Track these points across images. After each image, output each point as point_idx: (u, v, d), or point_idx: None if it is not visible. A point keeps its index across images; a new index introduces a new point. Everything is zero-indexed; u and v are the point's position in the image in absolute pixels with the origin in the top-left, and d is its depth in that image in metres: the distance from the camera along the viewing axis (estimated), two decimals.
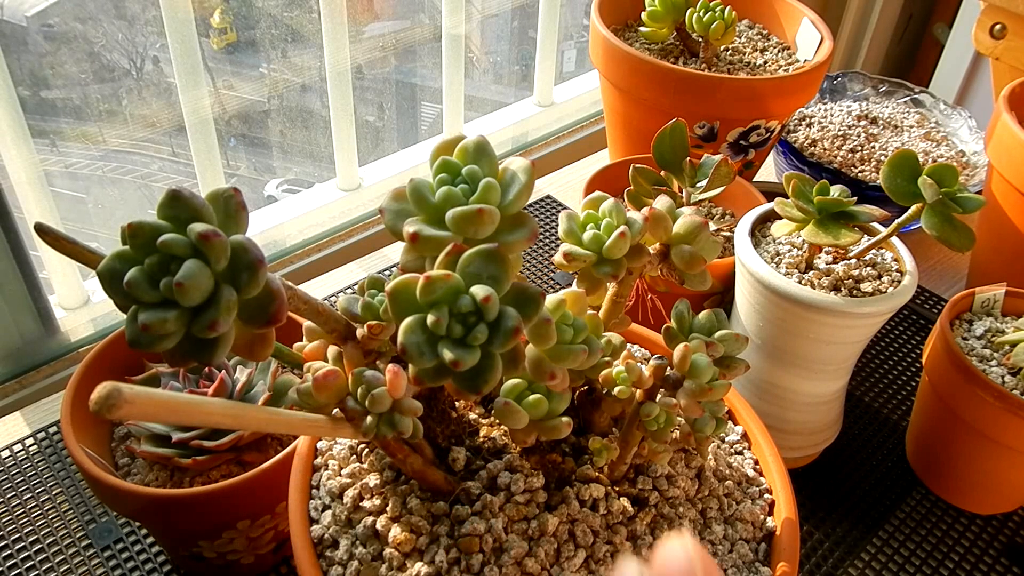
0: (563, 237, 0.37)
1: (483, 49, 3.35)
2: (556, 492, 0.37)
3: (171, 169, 3.67)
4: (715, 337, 0.37)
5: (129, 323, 0.26)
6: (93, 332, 0.77)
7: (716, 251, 0.39)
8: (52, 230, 0.28)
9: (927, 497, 0.63)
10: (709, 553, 0.14)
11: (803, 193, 0.52)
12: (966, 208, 0.51)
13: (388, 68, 3.44)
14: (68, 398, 0.50)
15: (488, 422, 0.39)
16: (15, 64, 0.67)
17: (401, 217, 0.32)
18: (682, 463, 0.40)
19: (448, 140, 0.33)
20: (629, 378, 0.35)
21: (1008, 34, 0.86)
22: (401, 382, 0.30)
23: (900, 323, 0.79)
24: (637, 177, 0.52)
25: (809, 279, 0.54)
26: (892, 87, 0.91)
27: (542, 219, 0.88)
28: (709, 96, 0.70)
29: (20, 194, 0.70)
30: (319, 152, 3.54)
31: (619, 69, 0.74)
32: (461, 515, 0.35)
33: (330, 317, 0.33)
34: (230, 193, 0.28)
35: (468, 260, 0.28)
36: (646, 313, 0.60)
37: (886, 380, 0.73)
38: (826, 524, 0.61)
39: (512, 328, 0.27)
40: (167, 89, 3.30)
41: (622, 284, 0.39)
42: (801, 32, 0.79)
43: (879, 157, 0.80)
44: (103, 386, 0.19)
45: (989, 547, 0.60)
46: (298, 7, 3.23)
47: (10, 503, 0.59)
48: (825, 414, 0.60)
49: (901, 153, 0.52)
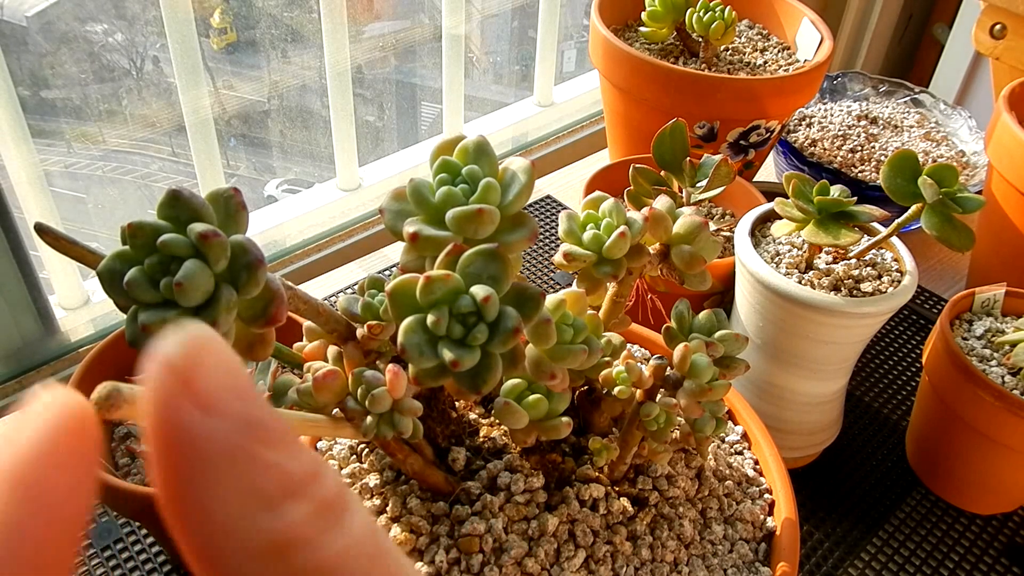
0: (563, 237, 0.37)
1: (483, 49, 3.35)
2: (556, 492, 0.37)
3: (171, 169, 3.67)
4: (715, 337, 0.37)
5: (129, 323, 0.26)
6: (93, 332, 0.77)
7: (716, 251, 0.39)
8: (52, 230, 0.28)
9: (927, 497, 0.63)
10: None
11: (803, 193, 0.52)
12: (966, 208, 0.51)
13: (388, 68, 3.44)
14: None
15: (488, 422, 0.39)
16: (15, 64, 0.67)
17: (401, 217, 0.32)
18: (682, 463, 0.40)
19: (448, 140, 0.33)
20: (629, 378, 0.35)
21: (1008, 34, 0.86)
22: (401, 382, 0.30)
23: (900, 323, 0.79)
24: (637, 177, 0.52)
25: (809, 279, 0.54)
26: (892, 87, 0.91)
27: (542, 219, 0.88)
28: (709, 96, 0.70)
29: (20, 194, 0.70)
30: (319, 152, 3.54)
31: (619, 69, 0.74)
32: (461, 515, 0.35)
33: (330, 317, 0.33)
34: (230, 193, 0.28)
35: (468, 260, 0.28)
36: (646, 313, 0.60)
37: (886, 380, 0.73)
38: (826, 524, 0.61)
39: (512, 328, 0.27)
40: (167, 89, 3.30)
41: (622, 284, 0.39)
42: (801, 32, 0.79)
43: (879, 157, 0.80)
44: (103, 386, 0.19)
45: (989, 547, 0.60)
46: (298, 7, 3.23)
47: None
48: (825, 414, 0.60)
49: (901, 153, 0.52)
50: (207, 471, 0.11)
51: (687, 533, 0.38)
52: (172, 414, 0.11)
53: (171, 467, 0.11)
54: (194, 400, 0.11)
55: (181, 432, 0.11)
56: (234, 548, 0.11)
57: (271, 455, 0.12)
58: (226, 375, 0.12)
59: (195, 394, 0.12)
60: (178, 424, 0.11)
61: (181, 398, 0.11)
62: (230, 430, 0.12)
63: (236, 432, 0.12)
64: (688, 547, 0.38)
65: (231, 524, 0.11)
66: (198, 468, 0.11)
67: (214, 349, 0.12)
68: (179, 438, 0.11)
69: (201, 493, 0.11)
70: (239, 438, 0.12)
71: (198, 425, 0.11)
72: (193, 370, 0.12)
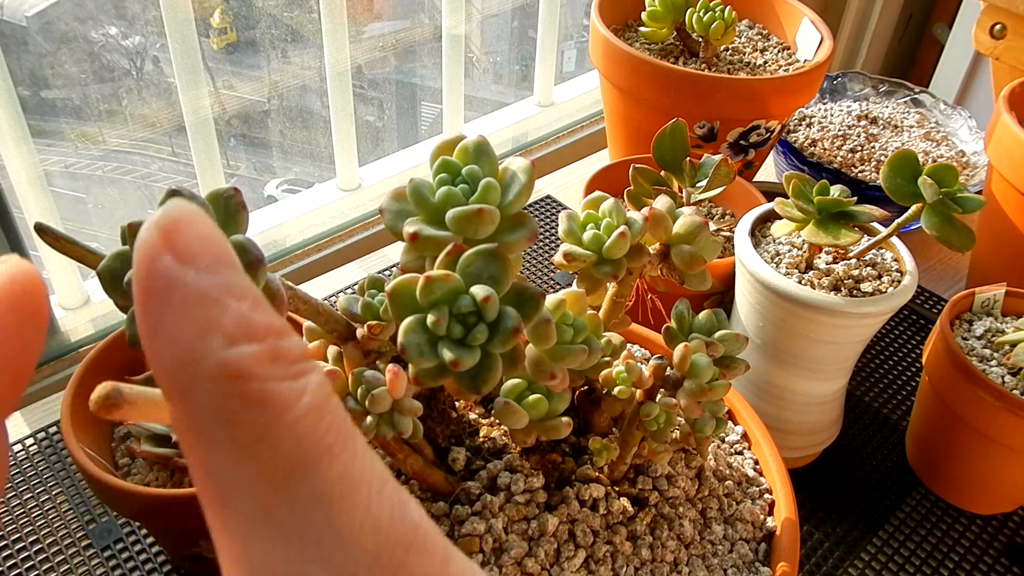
0: (563, 237, 0.37)
1: (483, 49, 3.35)
2: (556, 492, 0.37)
3: (171, 169, 3.67)
4: (715, 337, 0.37)
5: (129, 323, 0.26)
6: (93, 332, 0.77)
7: (716, 251, 0.39)
8: (52, 230, 0.28)
9: (927, 497, 0.63)
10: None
11: (803, 193, 0.52)
12: (966, 208, 0.51)
13: (388, 68, 3.44)
14: (68, 398, 0.50)
15: (488, 422, 0.39)
16: (15, 64, 0.67)
17: (401, 217, 0.32)
18: (682, 463, 0.40)
19: (448, 140, 0.33)
20: (629, 378, 0.35)
21: (1008, 34, 0.86)
22: (401, 382, 0.30)
23: (900, 323, 0.79)
24: (637, 177, 0.52)
25: (809, 279, 0.54)
26: (892, 87, 0.91)
27: (542, 219, 0.88)
28: (709, 96, 0.70)
29: (20, 194, 0.70)
30: (319, 152, 3.55)
31: (619, 69, 0.74)
32: (461, 515, 0.35)
33: (330, 317, 0.33)
34: (230, 193, 0.28)
35: (468, 260, 0.28)
36: (646, 313, 0.60)
37: (886, 380, 0.73)
38: (826, 524, 0.61)
39: (512, 328, 0.27)
40: (167, 89, 3.30)
41: (622, 284, 0.39)
42: (801, 32, 0.79)
43: (879, 157, 0.80)
44: (103, 386, 0.19)
45: (989, 547, 0.60)
46: (298, 7, 3.23)
47: (10, 503, 0.59)
48: (825, 414, 0.60)
49: (901, 153, 0.52)
50: (177, 308, 0.13)
51: (687, 533, 0.38)
52: (152, 264, 0.13)
53: (148, 305, 0.13)
54: (173, 253, 0.13)
55: (158, 277, 0.13)
56: (195, 371, 0.13)
57: (238, 305, 0.13)
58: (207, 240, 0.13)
59: (175, 248, 0.13)
60: (156, 270, 0.13)
61: (162, 250, 0.13)
62: (203, 279, 0.13)
63: (208, 282, 0.13)
64: (688, 547, 0.38)
65: (193, 351, 0.13)
66: (169, 305, 0.13)
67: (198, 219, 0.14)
68: (156, 281, 0.13)
69: (171, 325, 0.13)
70: (208, 286, 0.13)
71: (172, 271, 0.13)
72: (176, 229, 0.13)
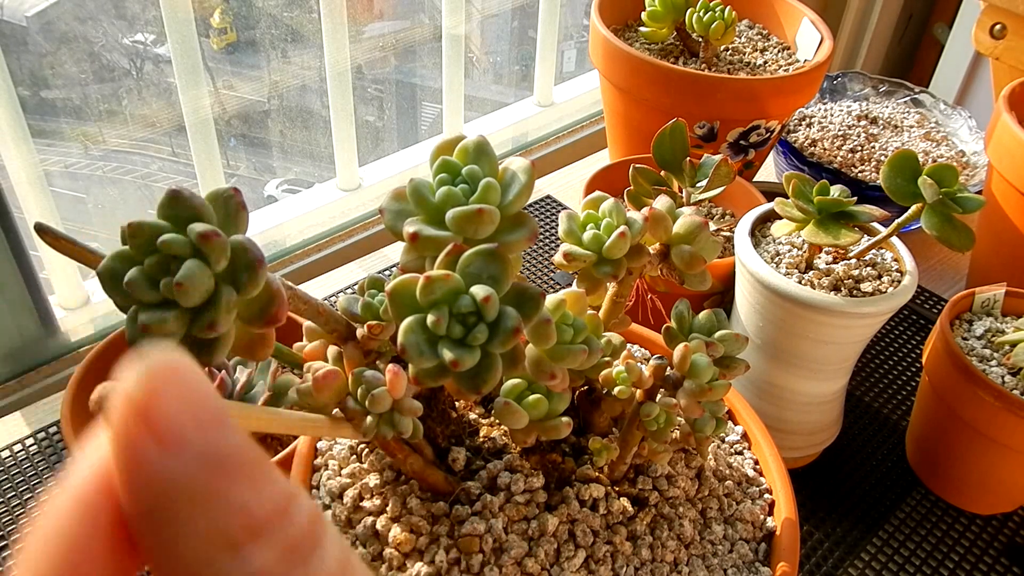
0: (563, 237, 0.37)
1: (483, 49, 3.35)
2: (556, 492, 0.37)
3: (171, 169, 3.67)
4: (715, 337, 0.37)
5: (129, 323, 0.26)
6: (93, 332, 0.77)
7: (716, 251, 0.39)
8: (52, 230, 0.28)
9: (927, 497, 0.63)
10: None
11: (803, 193, 0.52)
12: (966, 208, 0.51)
13: (388, 68, 3.44)
14: (68, 398, 0.50)
15: (488, 422, 0.39)
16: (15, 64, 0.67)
17: (401, 217, 0.32)
18: (682, 463, 0.40)
19: (448, 140, 0.33)
20: (629, 378, 0.35)
21: (1008, 34, 0.86)
22: (401, 382, 0.30)
23: (900, 323, 0.79)
24: (637, 177, 0.52)
25: (809, 279, 0.54)
26: (892, 87, 0.91)
27: (542, 219, 0.88)
28: (709, 96, 0.70)
29: (20, 194, 0.70)
30: (319, 152, 3.54)
31: (619, 69, 0.74)
32: (461, 515, 0.35)
33: (330, 317, 0.33)
34: (230, 193, 0.28)
35: (468, 260, 0.28)
36: (646, 313, 0.60)
37: (886, 380, 0.73)
38: (826, 524, 0.61)
39: (512, 328, 0.27)
40: (167, 89, 3.30)
41: (622, 284, 0.39)
42: (801, 32, 0.79)
43: (879, 157, 0.80)
44: (103, 386, 0.19)
45: (989, 547, 0.60)
46: (298, 7, 3.23)
47: (10, 503, 0.59)
48: (825, 414, 0.60)
49: (901, 153, 0.52)
50: (169, 512, 0.11)
51: (687, 533, 0.38)
52: (131, 453, 0.11)
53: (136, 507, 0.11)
54: (153, 436, 0.11)
55: (141, 473, 0.11)
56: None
57: (236, 492, 0.11)
58: (189, 405, 0.12)
59: (154, 429, 0.11)
60: (138, 464, 0.11)
61: (140, 435, 0.11)
62: (190, 467, 0.11)
63: (197, 469, 0.11)
64: (688, 547, 0.38)
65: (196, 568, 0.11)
66: (160, 509, 0.11)
67: (177, 377, 0.12)
68: (139, 479, 0.11)
69: (166, 535, 0.11)
70: (201, 475, 0.11)
71: (156, 464, 0.11)
72: (153, 403, 0.11)
